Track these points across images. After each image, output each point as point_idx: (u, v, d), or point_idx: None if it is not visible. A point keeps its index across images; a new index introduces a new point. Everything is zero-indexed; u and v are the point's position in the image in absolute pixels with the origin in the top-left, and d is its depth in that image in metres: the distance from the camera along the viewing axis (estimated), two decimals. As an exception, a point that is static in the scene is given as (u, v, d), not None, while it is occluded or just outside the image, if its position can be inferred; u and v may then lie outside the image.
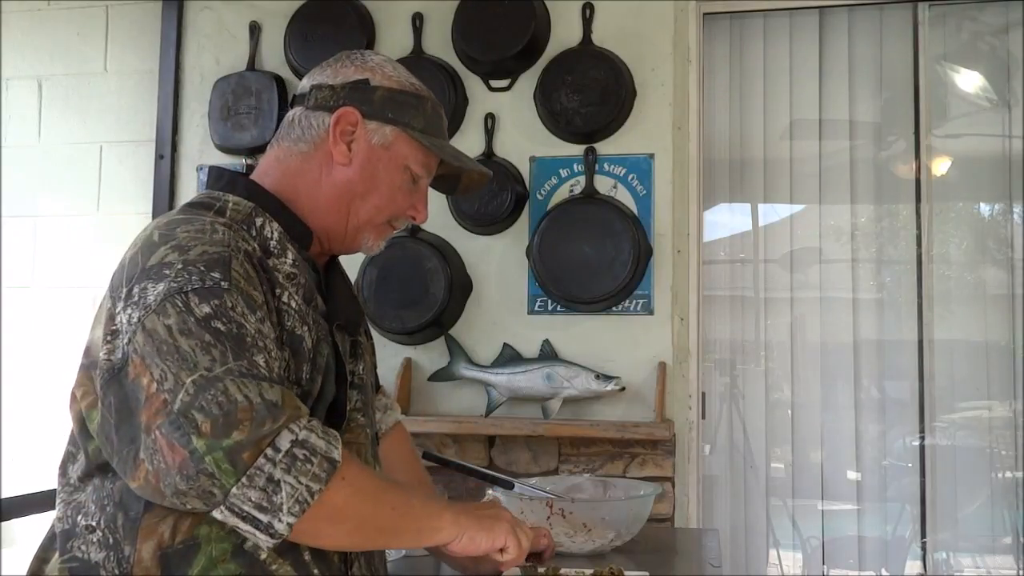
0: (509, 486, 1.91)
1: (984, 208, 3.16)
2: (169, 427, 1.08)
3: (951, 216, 3.16)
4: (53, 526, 1.26)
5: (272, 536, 1.10)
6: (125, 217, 3.26)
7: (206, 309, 1.14)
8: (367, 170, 1.37)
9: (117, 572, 1.17)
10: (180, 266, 1.16)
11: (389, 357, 2.95)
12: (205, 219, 1.26)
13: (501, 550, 1.32)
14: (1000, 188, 3.08)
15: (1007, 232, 3.08)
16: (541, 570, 1.70)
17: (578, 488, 2.15)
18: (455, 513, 1.28)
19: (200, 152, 3.22)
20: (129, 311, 1.16)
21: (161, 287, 1.15)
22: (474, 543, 1.28)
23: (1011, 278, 3.03)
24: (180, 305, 1.14)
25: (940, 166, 3.12)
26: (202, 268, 1.16)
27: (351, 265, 2.81)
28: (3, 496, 2.44)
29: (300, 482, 1.09)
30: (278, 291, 1.25)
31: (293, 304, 1.26)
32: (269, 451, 1.08)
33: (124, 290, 1.18)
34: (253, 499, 1.07)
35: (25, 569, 1.28)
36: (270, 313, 1.21)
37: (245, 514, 1.08)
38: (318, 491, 1.10)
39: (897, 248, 3.14)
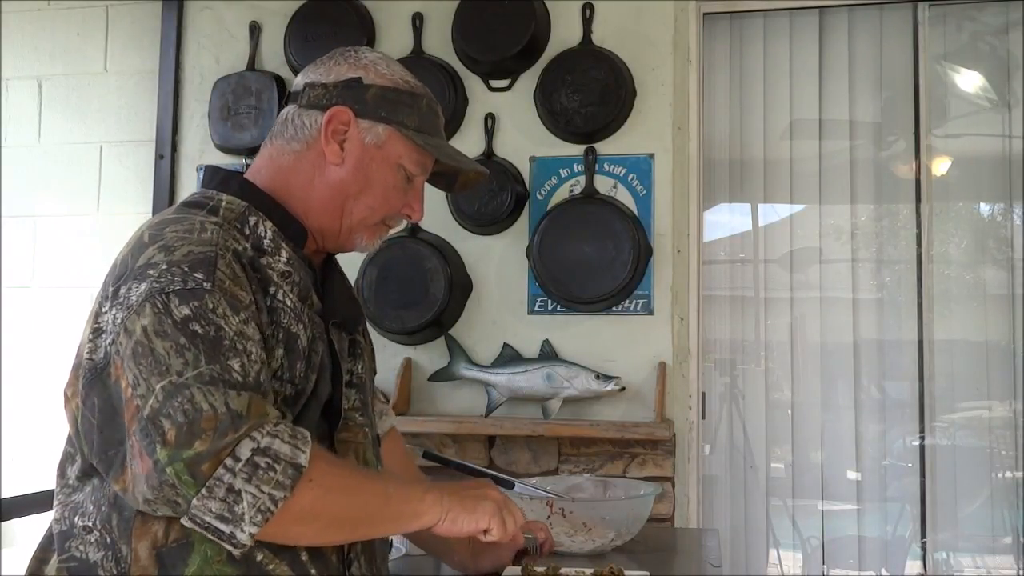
0: (510, 486, 1.91)
1: (984, 208, 3.16)
2: (140, 434, 1.08)
3: (951, 216, 3.16)
4: (51, 527, 1.26)
5: (235, 546, 1.09)
6: (125, 217, 3.27)
7: (185, 311, 1.13)
8: (360, 169, 1.36)
9: (115, 571, 1.17)
10: (164, 266, 1.16)
11: (389, 357, 2.95)
12: (196, 218, 1.25)
13: (485, 531, 1.30)
14: (1000, 188, 3.08)
15: (1007, 232, 3.08)
16: (540, 569, 1.70)
17: (578, 488, 2.15)
18: (438, 495, 1.26)
19: (200, 152, 3.22)
20: (114, 312, 1.16)
21: (143, 287, 1.15)
22: (456, 524, 1.27)
23: (1011, 278, 3.03)
24: (160, 306, 1.13)
25: (940, 166, 3.12)
26: (186, 269, 1.16)
27: (351, 264, 2.82)
28: (3, 496, 2.44)
29: (262, 491, 1.07)
30: (272, 289, 1.25)
31: (288, 302, 1.26)
32: (229, 461, 1.07)
33: (112, 289, 1.19)
34: (214, 510, 1.07)
35: (24, 569, 1.28)
36: (260, 312, 1.21)
37: (207, 525, 1.08)
38: (282, 498, 1.09)
39: (897, 248, 3.14)
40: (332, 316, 1.35)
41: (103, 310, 1.19)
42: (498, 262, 2.98)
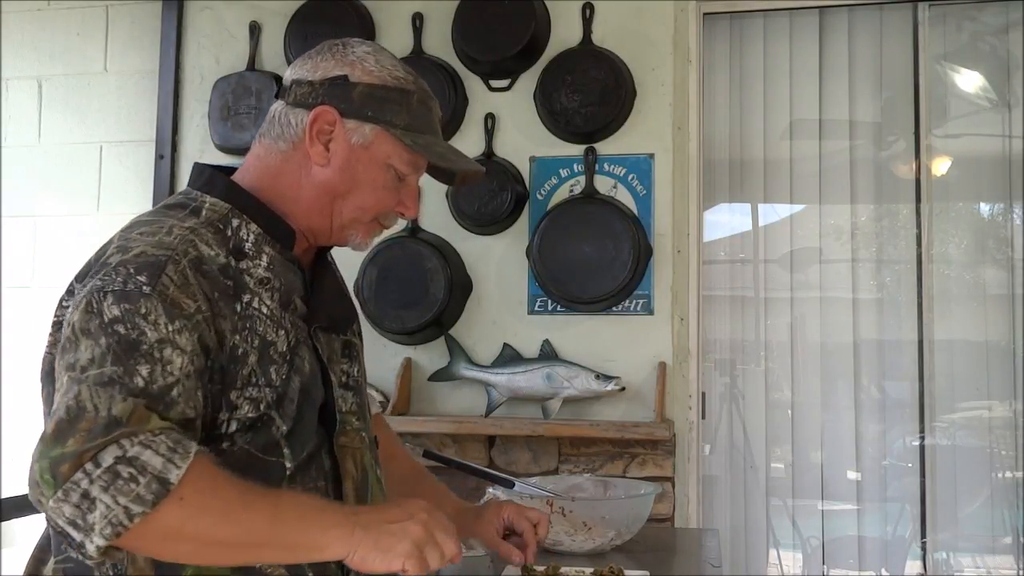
0: (509, 485, 1.91)
1: (984, 208, 3.16)
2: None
3: (951, 216, 3.16)
4: (48, 527, 1.26)
5: (85, 556, 1.05)
6: (125, 217, 3.19)
7: (116, 311, 1.11)
8: (347, 171, 1.32)
9: (112, 573, 1.17)
10: (113, 265, 1.16)
11: (389, 357, 2.95)
12: (168, 221, 1.24)
13: (403, 569, 1.17)
14: (1000, 188, 3.08)
15: (1007, 232, 3.08)
16: (540, 569, 1.71)
17: (578, 488, 2.15)
18: (348, 528, 1.13)
19: (200, 152, 3.22)
20: (69, 307, 1.17)
21: (90, 285, 1.15)
22: (366, 564, 1.14)
23: (1011, 278, 3.03)
24: (94, 304, 1.12)
25: (940, 166, 3.12)
26: (131, 270, 1.14)
27: (351, 264, 2.82)
28: (3, 496, 2.44)
29: (117, 503, 1.01)
30: (247, 297, 1.22)
31: (264, 309, 1.23)
32: (89, 466, 1.02)
33: (77, 286, 1.20)
34: (67, 515, 1.02)
35: (22, 570, 1.28)
36: (221, 320, 1.18)
37: (60, 529, 1.04)
38: (139, 514, 1.02)
39: (897, 248, 3.14)
40: (315, 320, 1.32)
41: (64, 305, 1.20)
42: (498, 262, 2.98)
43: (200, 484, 1.06)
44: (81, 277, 1.20)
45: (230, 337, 1.19)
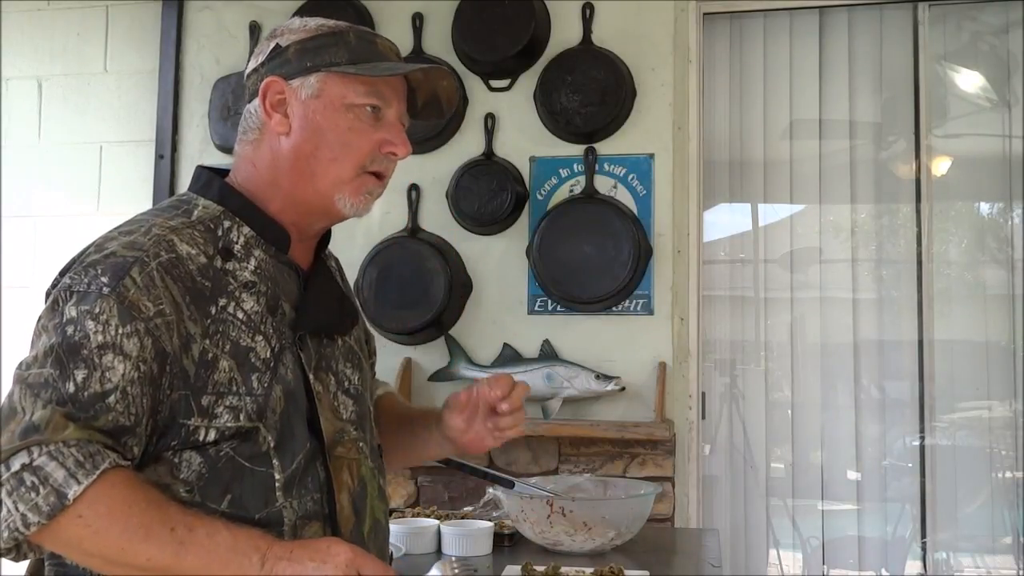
0: (510, 485, 1.91)
1: (984, 208, 3.16)
2: None
3: (951, 216, 3.16)
4: None
5: None
6: (125, 217, 3.21)
7: (72, 312, 1.13)
8: (308, 127, 1.28)
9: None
10: (85, 265, 1.17)
11: (389, 357, 2.95)
12: (153, 220, 1.24)
13: None
14: (1000, 188, 3.08)
15: (1007, 232, 3.08)
16: (540, 569, 1.71)
17: (578, 488, 2.16)
18: (259, 570, 1.09)
19: (200, 152, 3.22)
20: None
21: (62, 282, 1.18)
22: None
23: (1011, 278, 3.03)
24: (58, 303, 1.15)
25: (940, 166, 3.12)
26: (98, 271, 1.16)
27: (351, 265, 2.82)
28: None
29: (17, 509, 1.03)
30: (223, 301, 1.20)
31: (240, 314, 1.21)
32: (2, 467, 1.04)
33: (58, 279, 1.21)
34: None
35: (23, 570, 1.28)
36: (191, 323, 1.16)
37: None
38: (36, 523, 1.04)
39: (897, 248, 3.14)
40: (300, 327, 1.28)
41: (49, 295, 1.21)
42: (498, 262, 2.98)
43: (99, 506, 1.06)
44: (64, 272, 1.21)
45: (200, 341, 1.17)
